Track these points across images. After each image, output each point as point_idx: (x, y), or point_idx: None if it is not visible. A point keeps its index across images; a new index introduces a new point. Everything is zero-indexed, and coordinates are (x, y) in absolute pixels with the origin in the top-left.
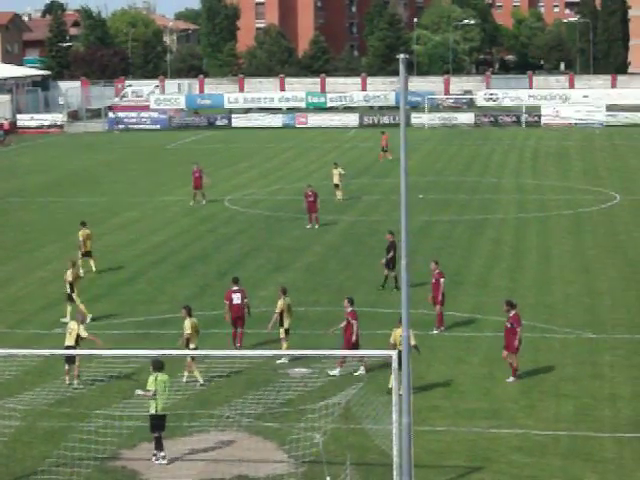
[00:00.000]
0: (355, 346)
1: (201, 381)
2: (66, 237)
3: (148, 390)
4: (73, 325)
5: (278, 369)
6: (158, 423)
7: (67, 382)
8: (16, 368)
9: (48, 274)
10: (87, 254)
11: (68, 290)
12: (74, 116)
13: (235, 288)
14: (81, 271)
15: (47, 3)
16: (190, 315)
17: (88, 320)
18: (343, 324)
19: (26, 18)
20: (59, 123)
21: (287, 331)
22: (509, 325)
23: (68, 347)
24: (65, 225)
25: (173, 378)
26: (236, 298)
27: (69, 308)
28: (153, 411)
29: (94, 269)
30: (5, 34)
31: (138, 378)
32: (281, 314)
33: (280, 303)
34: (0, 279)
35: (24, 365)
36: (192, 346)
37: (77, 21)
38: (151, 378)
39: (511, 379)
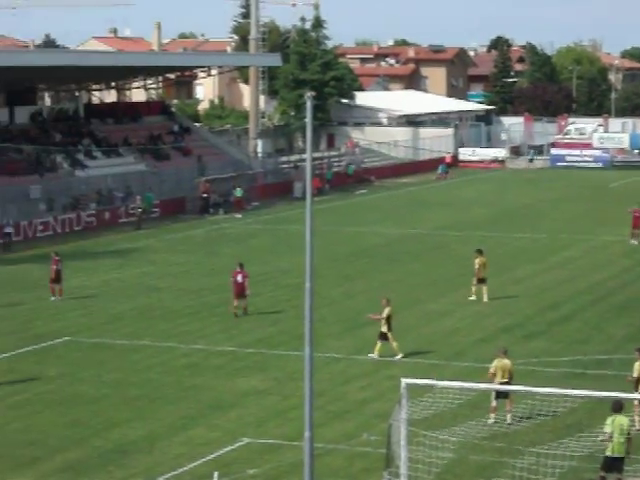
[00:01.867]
0: None
1: (637, 426)
2: (502, 273)
3: (605, 432)
4: (504, 362)
5: None
6: (610, 465)
7: (491, 421)
8: (451, 401)
9: (484, 308)
10: (481, 281)
11: (384, 328)
12: (516, 152)
13: None
14: (473, 297)
15: (493, 39)
16: None
17: (398, 357)
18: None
19: (472, 53)
20: (500, 158)
21: None
22: None
23: (502, 383)
24: (503, 260)
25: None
26: None
27: (380, 345)
28: (609, 453)
29: (485, 299)
30: (451, 68)
31: (571, 419)
32: None
33: None
34: (438, 311)
35: (459, 398)
36: None
37: (522, 57)
38: (609, 420)
39: None
